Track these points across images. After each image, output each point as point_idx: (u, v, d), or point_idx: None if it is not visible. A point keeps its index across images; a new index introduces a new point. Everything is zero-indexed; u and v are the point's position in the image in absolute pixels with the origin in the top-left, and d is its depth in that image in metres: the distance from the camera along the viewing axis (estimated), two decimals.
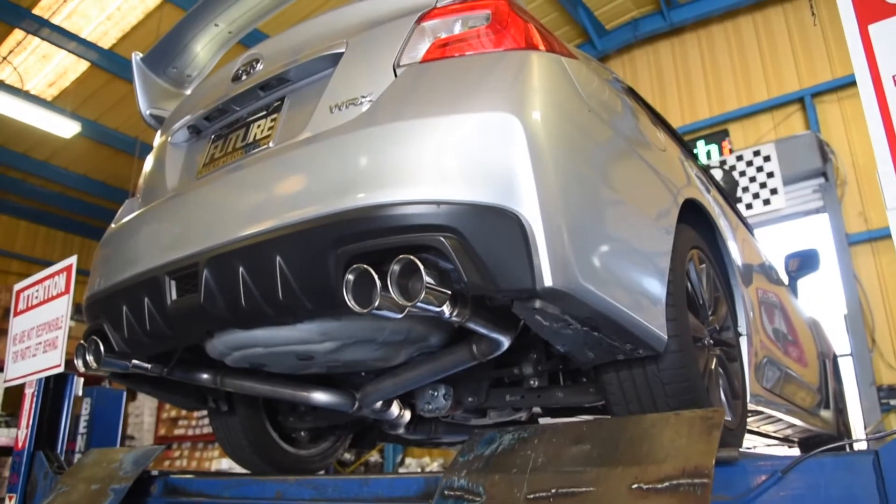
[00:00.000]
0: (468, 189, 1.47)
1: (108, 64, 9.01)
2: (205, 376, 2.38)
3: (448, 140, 1.52)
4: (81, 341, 2.24)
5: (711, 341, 2.15)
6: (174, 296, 1.86)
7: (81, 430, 3.64)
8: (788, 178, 7.24)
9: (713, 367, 2.08)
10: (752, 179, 7.36)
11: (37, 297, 3.38)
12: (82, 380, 3.38)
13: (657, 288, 1.79)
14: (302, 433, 2.98)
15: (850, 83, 7.58)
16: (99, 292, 2.15)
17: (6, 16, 8.13)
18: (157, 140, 2.54)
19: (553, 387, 2.19)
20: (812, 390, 3.87)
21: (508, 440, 1.53)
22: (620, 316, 1.62)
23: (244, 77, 2.13)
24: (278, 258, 1.61)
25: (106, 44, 8.84)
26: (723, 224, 2.54)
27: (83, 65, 9.15)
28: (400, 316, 1.51)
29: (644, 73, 9.17)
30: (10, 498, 3.04)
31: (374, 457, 8.95)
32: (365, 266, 1.47)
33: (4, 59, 8.81)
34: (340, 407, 2.33)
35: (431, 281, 1.43)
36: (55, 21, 8.32)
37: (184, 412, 10.85)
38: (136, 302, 1.97)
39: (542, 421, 2.94)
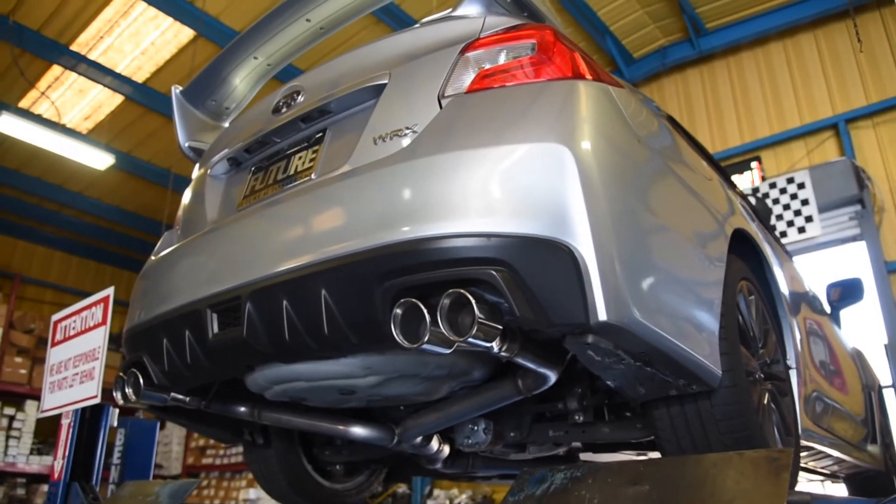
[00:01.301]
0: (519, 221, 1.44)
1: (142, 97, 9.20)
2: (242, 409, 2.35)
3: (498, 171, 1.49)
4: (120, 374, 2.23)
5: (762, 375, 2.08)
6: (216, 329, 1.85)
7: (115, 460, 3.63)
8: (824, 206, 7.10)
9: (765, 402, 2.01)
10: (787, 207, 7.24)
11: (74, 328, 3.40)
12: (117, 410, 3.37)
13: (710, 321, 1.73)
14: (337, 466, 2.94)
15: (886, 108, 7.47)
16: (139, 325, 2.15)
17: (46, 52, 8.36)
18: (196, 172, 2.56)
19: (598, 422, 2.13)
20: (859, 424, 3.74)
21: (560, 479, 1.48)
22: (674, 350, 1.56)
23: (285, 109, 2.14)
24: (323, 292, 1.58)
25: (140, 78, 9.03)
26: (769, 253, 2.48)
27: (118, 98, 9.35)
28: (448, 351, 1.47)
29: (673, 100, 9.13)
30: None
31: (401, 488, 8.83)
32: (414, 300, 1.44)
33: (43, 93, 9.04)
34: (379, 441, 2.29)
35: (483, 316, 1.39)
36: (92, 56, 8.53)
37: (212, 441, 10.84)
38: (176, 335, 1.96)
39: (582, 456, 2.87)
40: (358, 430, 2.28)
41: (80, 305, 3.39)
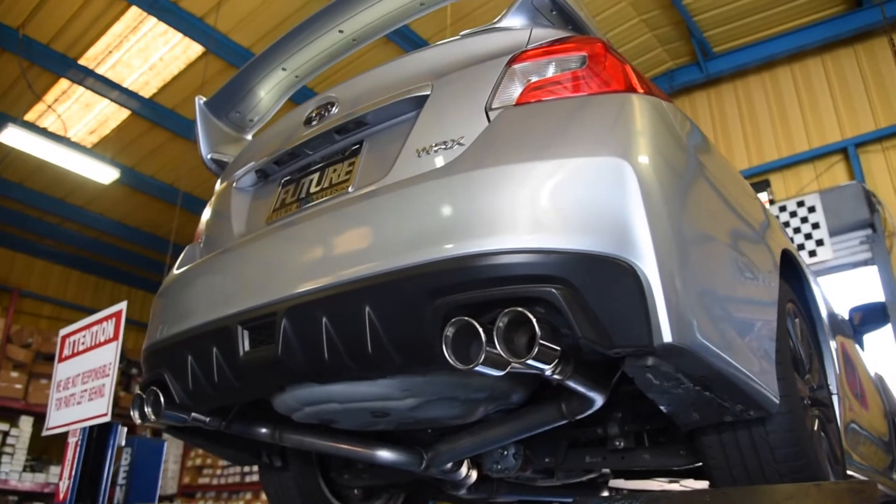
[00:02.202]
0: (579, 238, 1.38)
1: (149, 113, 9.17)
2: (263, 431, 2.27)
3: (555, 185, 1.43)
4: (139, 392, 2.14)
5: (809, 401, 2.00)
6: (247, 347, 1.77)
7: (121, 480, 3.52)
8: (834, 230, 7.06)
9: (816, 428, 1.93)
10: (797, 230, 7.19)
11: (83, 343, 3.31)
12: (125, 430, 3.27)
13: (768, 344, 1.66)
14: (355, 491, 2.84)
15: (895, 133, 7.46)
16: (161, 341, 2.07)
17: (54, 65, 8.33)
18: (219, 186, 2.49)
19: (639, 448, 2.04)
20: (884, 451, 3.66)
21: None
22: (735, 374, 1.49)
23: (318, 121, 2.08)
24: (367, 309, 1.51)
25: (147, 93, 9.00)
26: (809, 274, 2.41)
27: (124, 113, 9.31)
28: (501, 374, 1.40)
29: None
30: None
31: None
32: (469, 320, 1.36)
33: (49, 107, 9.00)
34: (407, 466, 2.20)
35: (543, 337, 1.32)
36: (100, 71, 8.50)
37: (208, 461, 10.67)
38: (203, 353, 1.88)
39: (612, 483, 2.78)
40: (385, 455, 2.19)
41: (90, 320, 3.30)
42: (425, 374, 1.69)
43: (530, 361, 1.33)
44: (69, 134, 9.54)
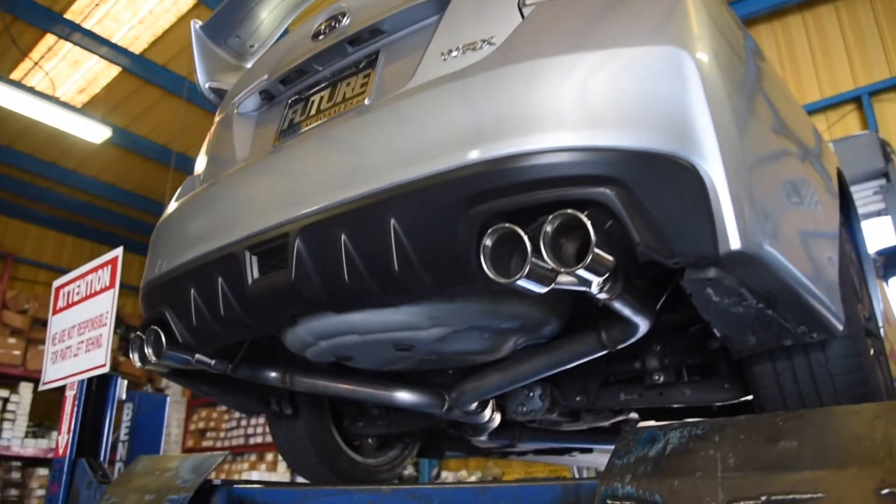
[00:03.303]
0: (635, 134, 1.22)
1: (140, 69, 8.89)
2: (273, 375, 2.12)
3: (605, 78, 1.26)
4: (138, 333, 1.99)
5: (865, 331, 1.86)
6: (255, 274, 1.61)
7: (123, 437, 3.39)
8: (849, 180, 6.88)
9: (873, 356, 1.79)
10: None
11: (78, 294, 3.15)
12: (126, 382, 3.13)
13: (832, 260, 1.52)
14: (369, 440, 2.71)
15: None
16: (160, 276, 1.91)
17: (38, 20, 8.03)
18: (218, 116, 2.31)
19: (679, 383, 1.90)
20: None
21: (677, 438, 1.25)
22: (802, 290, 1.34)
23: (327, 33, 1.89)
24: (393, 222, 1.35)
25: (137, 49, 8.72)
26: (854, 201, 2.26)
27: (114, 70, 9.03)
28: (545, 289, 1.25)
29: None
30: None
31: (408, 470, 8.64)
32: (511, 226, 1.20)
33: (36, 63, 8.71)
34: (428, 408, 2.07)
35: (598, 243, 1.16)
36: (87, 25, 8.21)
37: (212, 423, 10.62)
38: (207, 284, 1.72)
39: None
40: (404, 396, 2.05)
41: (85, 268, 3.14)
42: (455, 299, 1.53)
43: (580, 272, 1.17)
44: (58, 93, 9.26)
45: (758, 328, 1.44)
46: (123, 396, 3.12)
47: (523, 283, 1.21)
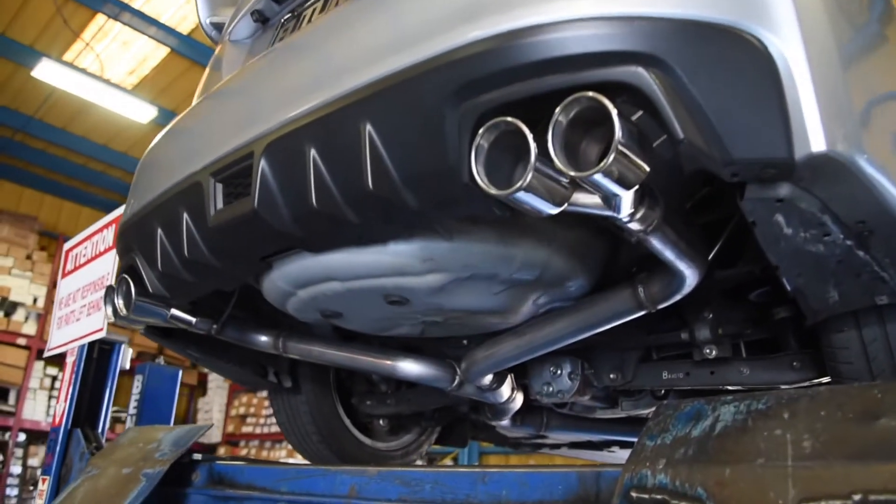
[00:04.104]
0: None
1: (188, 50, 8.83)
2: (263, 339, 1.87)
3: None
4: (111, 284, 1.76)
5: None
6: (219, 205, 1.35)
7: (131, 410, 3.20)
8: None
9: None
10: None
11: (84, 256, 2.98)
12: (131, 351, 2.94)
13: None
14: (380, 422, 2.44)
15: None
16: (130, 217, 1.68)
17: (89, 0, 8.06)
18: (217, 49, 2.07)
19: (735, 359, 1.56)
20: None
21: (732, 414, 0.93)
22: None
23: None
24: (368, 129, 1.06)
25: (185, 29, 8.65)
26: None
27: (163, 51, 9.00)
28: (555, 209, 0.94)
29: None
30: (44, 480, 2.62)
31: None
32: (510, 119, 0.90)
33: (87, 44, 8.76)
34: (436, 382, 1.78)
35: (623, 140, 0.84)
36: (135, 5, 8.18)
37: (252, 409, 10.56)
38: (171, 221, 1.48)
39: None
40: (408, 366, 1.77)
41: (92, 229, 2.96)
42: (454, 237, 1.24)
43: (600, 178, 0.86)
44: (107, 75, 9.30)
45: (843, 278, 1.10)
46: (127, 365, 2.92)
47: (526, 197, 0.91)
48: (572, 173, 0.86)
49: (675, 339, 1.59)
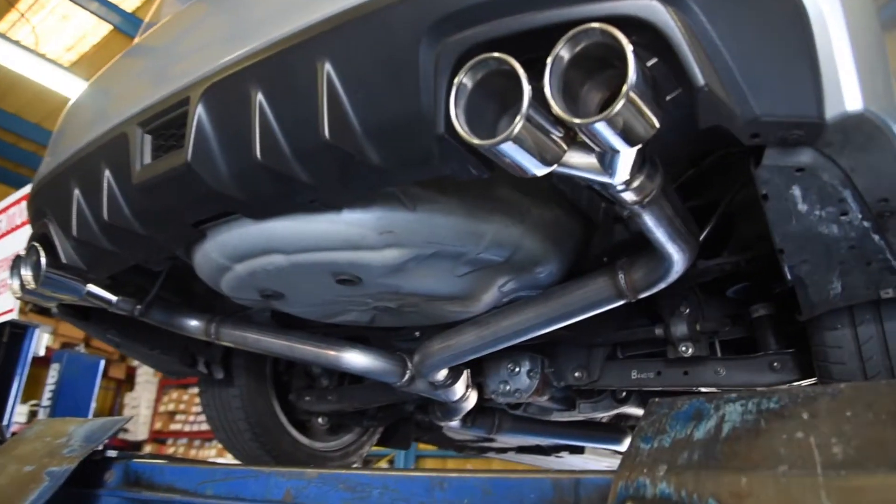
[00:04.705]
0: None
1: (131, 29, 8.42)
2: (194, 323, 1.68)
3: None
4: (19, 253, 1.54)
5: None
6: (146, 159, 1.16)
7: (45, 402, 2.93)
8: None
9: None
10: None
11: None
12: (46, 336, 2.68)
13: None
14: (319, 420, 2.25)
15: None
16: (45, 177, 1.47)
17: None
18: None
19: (711, 359, 1.45)
20: None
21: (740, 413, 0.81)
22: None
23: None
24: (326, 67, 0.91)
25: (129, 6, 8.28)
26: None
27: (104, 28, 8.59)
28: (545, 168, 0.81)
29: None
30: None
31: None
32: (500, 56, 0.76)
33: (23, 15, 8.26)
34: (384, 376, 1.62)
35: (637, 86, 0.71)
36: None
37: (182, 406, 10.13)
38: (90, 179, 1.28)
39: None
40: (355, 358, 1.60)
41: (7, 202, 2.69)
42: (418, 206, 1.09)
43: (602, 128, 0.73)
44: (42, 50, 8.79)
45: (851, 266, 0.99)
46: (42, 352, 2.66)
47: (512, 151, 0.77)
48: (573, 119, 0.72)
49: (649, 336, 1.47)
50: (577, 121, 0.72)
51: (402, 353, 1.65)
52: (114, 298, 1.56)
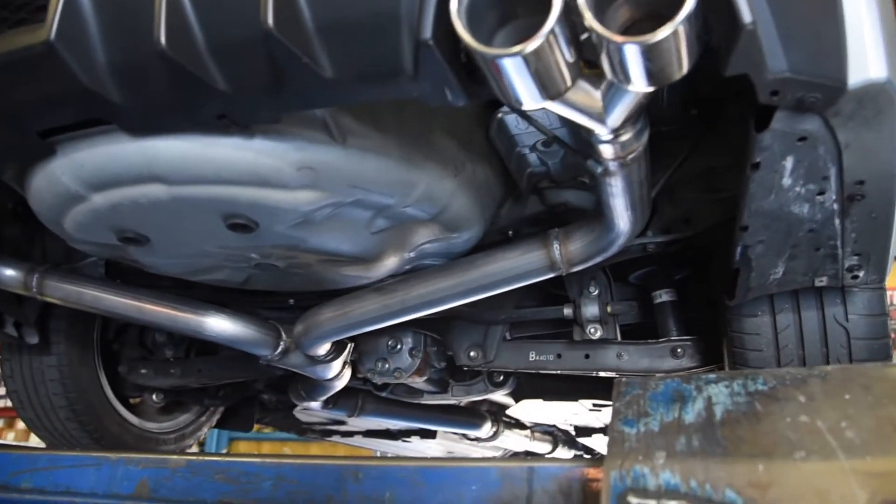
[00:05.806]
0: None
1: None
2: (9, 272, 1.34)
3: None
4: None
5: None
6: None
7: None
8: None
9: None
10: None
11: None
12: None
13: None
14: (154, 397, 1.95)
15: None
16: None
17: None
18: None
19: (612, 343, 1.40)
20: None
21: (727, 395, 0.73)
22: None
23: None
24: None
25: None
26: None
27: None
28: (539, 101, 0.71)
29: None
30: None
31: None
32: None
33: None
34: (255, 347, 1.40)
35: (691, 13, 0.60)
36: None
37: None
38: None
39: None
40: (221, 324, 1.36)
41: None
42: (349, 139, 0.90)
43: (634, 54, 0.62)
44: None
45: (800, 251, 0.97)
46: None
47: (515, 69, 0.63)
48: (610, 36, 0.59)
49: (557, 316, 1.39)
50: (616, 38, 0.59)
51: (273, 322, 1.43)
52: None
